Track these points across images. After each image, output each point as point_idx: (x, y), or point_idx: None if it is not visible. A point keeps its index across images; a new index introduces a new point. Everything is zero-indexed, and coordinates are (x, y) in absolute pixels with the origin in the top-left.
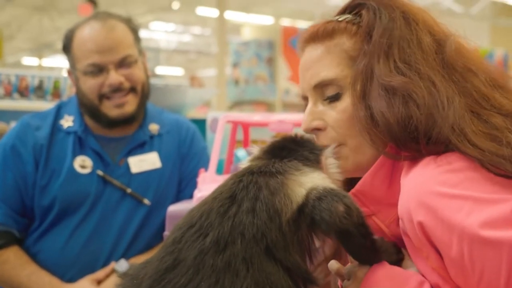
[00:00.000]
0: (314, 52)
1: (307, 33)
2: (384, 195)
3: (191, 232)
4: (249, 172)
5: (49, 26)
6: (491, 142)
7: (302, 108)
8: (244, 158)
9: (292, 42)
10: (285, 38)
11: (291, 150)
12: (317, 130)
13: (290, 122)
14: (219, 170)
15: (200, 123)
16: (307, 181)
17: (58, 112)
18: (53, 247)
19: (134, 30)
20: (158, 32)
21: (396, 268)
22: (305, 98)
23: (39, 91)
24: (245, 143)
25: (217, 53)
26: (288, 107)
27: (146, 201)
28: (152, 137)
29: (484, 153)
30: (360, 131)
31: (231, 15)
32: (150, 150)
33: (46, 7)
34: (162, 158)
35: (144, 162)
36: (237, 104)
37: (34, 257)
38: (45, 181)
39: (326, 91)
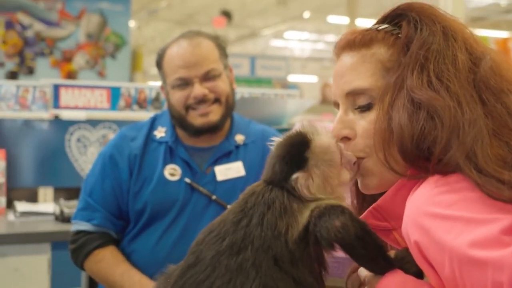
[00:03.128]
0: (349, 59)
1: (344, 40)
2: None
3: (211, 236)
4: (252, 195)
5: None
6: (498, 166)
7: None
8: None
9: None
10: None
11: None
12: (346, 139)
13: None
14: None
15: None
16: (312, 203)
17: (152, 124)
18: (145, 247)
19: (220, 46)
20: (292, 41)
21: (408, 277)
22: (337, 105)
23: (156, 102)
24: None
25: None
26: None
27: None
28: (237, 147)
29: (484, 177)
30: (378, 146)
31: (362, 22)
32: (236, 159)
33: (185, 21)
34: (247, 166)
35: (229, 171)
36: None
37: (128, 256)
38: (138, 188)
39: (358, 100)
